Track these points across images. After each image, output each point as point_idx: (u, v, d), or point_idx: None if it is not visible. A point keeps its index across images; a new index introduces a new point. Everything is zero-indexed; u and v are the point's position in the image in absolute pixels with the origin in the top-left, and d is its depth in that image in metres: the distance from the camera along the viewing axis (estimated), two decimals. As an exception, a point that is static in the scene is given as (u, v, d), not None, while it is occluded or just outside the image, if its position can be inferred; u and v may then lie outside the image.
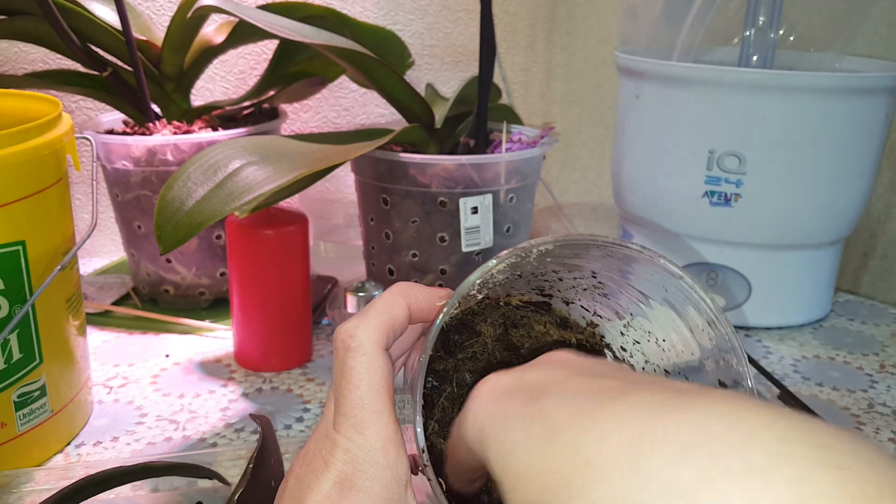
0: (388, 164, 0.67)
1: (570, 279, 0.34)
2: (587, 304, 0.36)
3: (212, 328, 0.74)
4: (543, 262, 0.32)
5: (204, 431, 0.59)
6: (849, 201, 0.74)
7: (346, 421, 0.29)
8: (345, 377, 0.29)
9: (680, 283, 0.31)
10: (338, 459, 0.28)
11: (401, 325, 0.31)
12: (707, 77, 0.71)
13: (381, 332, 0.30)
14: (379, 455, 0.28)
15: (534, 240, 0.29)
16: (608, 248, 0.30)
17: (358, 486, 0.28)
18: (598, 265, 0.33)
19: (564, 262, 0.33)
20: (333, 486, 0.28)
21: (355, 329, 0.30)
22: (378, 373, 0.29)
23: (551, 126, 0.78)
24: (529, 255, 0.30)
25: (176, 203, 0.55)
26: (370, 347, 0.29)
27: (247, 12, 0.63)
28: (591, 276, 0.34)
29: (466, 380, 0.34)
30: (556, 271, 0.34)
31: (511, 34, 1.03)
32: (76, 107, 0.89)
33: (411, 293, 0.31)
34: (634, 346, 0.36)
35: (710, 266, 0.76)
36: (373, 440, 0.28)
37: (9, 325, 0.49)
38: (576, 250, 0.31)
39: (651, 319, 0.34)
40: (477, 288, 0.30)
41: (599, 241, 0.30)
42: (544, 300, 0.36)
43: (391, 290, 0.31)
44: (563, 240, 0.29)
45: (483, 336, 0.35)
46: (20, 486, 0.47)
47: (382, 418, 0.28)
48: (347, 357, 0.29)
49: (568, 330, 0.36)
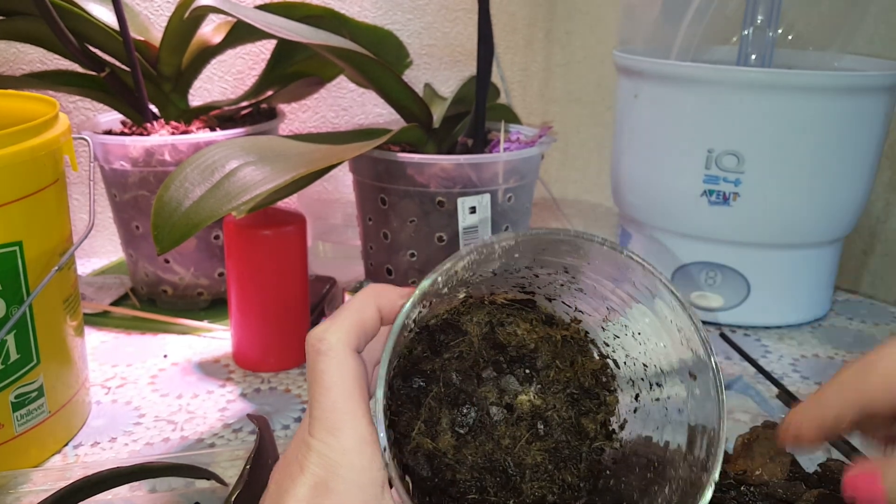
0: (387, 164, 0.67)
1: (545, 275, 0.34)
2: (568, 300, 0.36)
3: (210, 328, 0.74)
4: (512, 258, 0.31)
5: (202, 432, 0.59)
6: (848, 200, 0.74)
7: (319, 425, 0.29)
8: (316, 381, 0.29)
9: (643, 273, 0.31)
10: (312, 463, 0.28)
11: (371, 326, 0.31)
12: (706, 76, 0.71)
13: (352, 334, 0.30)
14: (354, 457, 0.28)
15: (495, 236, 0.29)
16: (572, 242, 0.30)
17: (334, 490, 0.28)
18: (568, 260, 0.32)
19: (535, 258, 0.33)
20: (310, 491, 0.28)
21: (325, 332, 0.30)
22: (349, 375, 0.29)
23: (549, 125, 0.77)
24: (493, 252, 0.30)
25: (173, 203, 0.55)
26: (340, 350, 0.29)
27: (244, 12, 0.63)
28: (563, 271, 0.34)
29: (453, 379, 0.34)
30: (529, 268, 0.34)
31: (509, 34, 1.03)
32: (74, 107, 0.89)
33: (381, 294, 0.31)
34: (615, 341, 0.36)
35: (709, 265, 0.76)
36: (347, 443, 0.28)
37: (6, 325, 0.49)
38: (541, 245, 0.31)
39: (625, 313, 0.34)
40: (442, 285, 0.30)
41: (562, 236, 0.30)
42: (528, 297, 0.36)
43: (362, 292, 0.31)
44: (524, 235, 0.29)
45: (469, 335, 0.35)
46: (17, 487, 0.47)
47: (356, 420, 0.28)
48: (318, 360, 0.29)
49: (553, 327, 0.36)
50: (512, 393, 0.34)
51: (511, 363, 0.35)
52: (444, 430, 0.33)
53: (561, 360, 0.35)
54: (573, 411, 0.35)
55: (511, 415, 0.34)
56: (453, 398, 0.33)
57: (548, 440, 0.34)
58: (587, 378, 0.36)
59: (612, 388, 0.36)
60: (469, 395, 0.34)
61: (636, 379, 0.35)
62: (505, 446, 0.33)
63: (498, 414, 0.34)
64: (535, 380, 0.35)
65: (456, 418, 0.33)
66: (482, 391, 0.34)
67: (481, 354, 0.35)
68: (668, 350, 0.33)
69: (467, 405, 0.33)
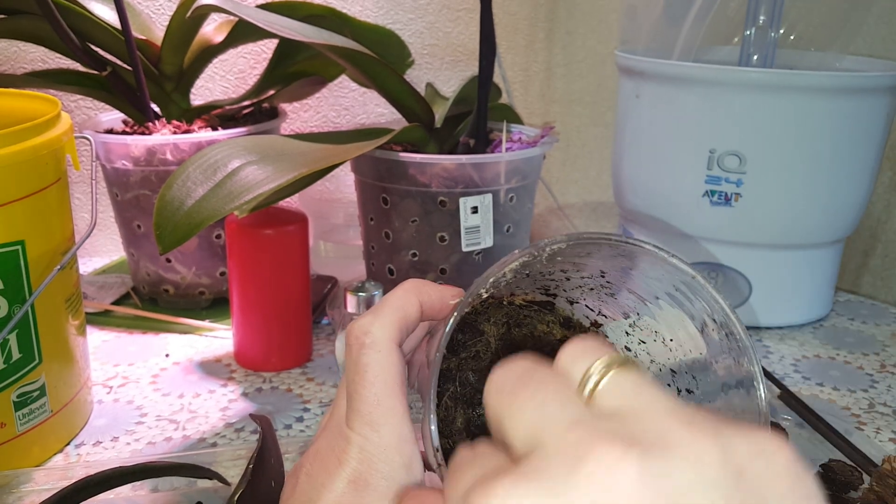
0: (388, 164, 0.67)
1: (578, 278, 0.34)
2: (592, 303, 0.36)
3: (212, 328, 0.74)
4: (553, 261, 0.32)
5: (204, 431, 0.59)
6: (849, 201, 0.74)
7: (360, 418, 0.28)
8: (359, 374, 0.29)
9: (691, 282, 0.31)
10: (352, 458, 0.28)
11: (413, 322, 0.31)
12: (707, 76, 0.71)
13: (396, 328, 0.30)
14: (394, 453, 0.28)
15: (547, 239, 0.29)
16: (620, 247, 0.30)
17: (373, 485, 0.27)
18: (607, 264, 0.32)
19: (574, 262, 0.33)
20: (348, 485, 0.28)
21: (370, 325, 0.29)
22: (393, 370, 0.29)
23: (551, 125, 0.77)
24: (541, 255, 0.30)
25: (175, 203, 0.55)
26: (385, 344, 0.29)
27: (246, 11, 0.63)
28: (599, 275, 0.33)
29: (470, 379, 0.34)
30: (564, 270, 0.34)
31: (511, 34, 1.03)
32: (75, 106, 0.89)
33: (423, 290, 0.31)
34: (640, 347, 0.36)
35: (711, 265, 0.76)
36: (388, 438, 0.28)
37: (8, 324, 0.49)
38: (587, 249, 0.31)
39: (658, 319, 0.34)
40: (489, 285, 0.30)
41: (613, 240, 0.30)
42: (548, 300, 0.36)
43: (403, 286, 0.31)
44: (575, 239, 0.29)
45: (486, 335, 0.35)
46: (20, 487, 0.47)
47: (397, 416, 0.28)
48: (362, 354, 0.29)
49: (571, 329, 0.36)
50: None
51: None
52: (460, 429, 0.33)
53: None
54: None
55: None
56: (469, 398, 0.33)
57: None
58: None
59: None
60: None
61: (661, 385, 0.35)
62: None
63: None
64: None
65: (471, 418, 0.33)
66: None
67: (498, 355, 0.35)
68: (704, 359, 0.33)
69: (483, 405, 0.33)
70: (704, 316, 0.32)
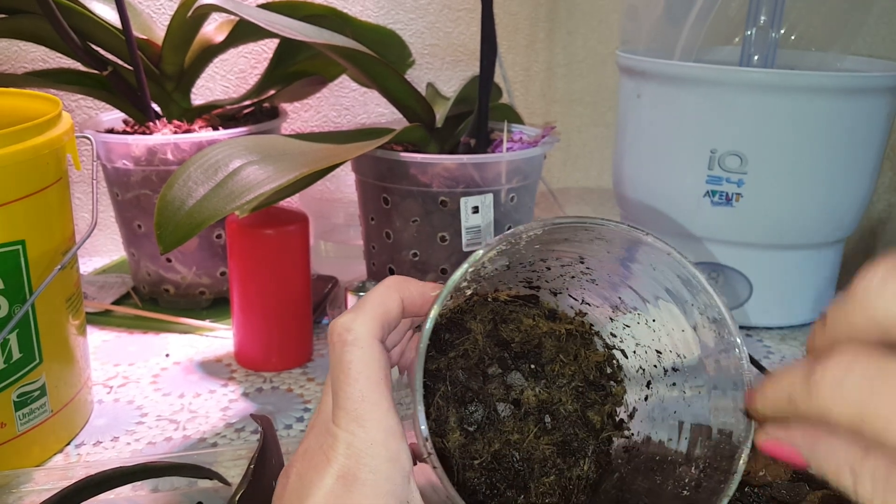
0: (389, 164, 0.67)
1: (558, 267, 0.34)
2: (575, 292, 0.36)
3: (212, 328, 0.74)
4: (532, 248, 0.32)
5: (204, 431, 0.59)
6: (850, 201, 0.74)
7: (345, 415, 0.28)
8: (343, 371, 0.29)
9: (669, 259, 0.31)
10: (340, 454, 0.28)
11: (395, 318, 0.31)
12: (708, 76, 0.70)
13: (377, 325, 0.30)
14: (381, 448, 0.28)
15: (522, 225, 0.29)
16: (595, 230, 0.30)
17: (361, 480, 0.28)
18: (585, 249, 0.33)
19: (553, 249, 0.33)
20: (337, 481, 0.28)
21: (352, 322, 0.30)
22: (376, 365, 0.29)
23: (552, 125, 0.77)
24: (519, 242, 0.30)
25: (176, 202, 0.55)
26: (367, 340, 0.29)
27: (247, 11, 0.63)
28: (578, 261, 0.34)
29: (460, 378, 0.34)
30: (544, 259, 0.34)
31: (512, 33, 1.03)
32: (76, 106, 0.89)
33: (404, 286, 0.31)
34: (625, 331, 0.36)
35: (712, 266, 0.76)
36: (374, 433, 0.28)
37: (8, 324, 0.49)
38: (564, 234, 0.31)
39: (640, 301, 0.34)
40: (470, 277, 0.30)
41: (588, 223, 0.30)
42: (532, 293, 0.36)
43: (384, 283, 0.31)
44: (551, 223, 0.29)
45: (473, 333, 0.35)
46: (20, 487, 0.47)
47: (382, 411, 0.28)
48: (345, 351, 0.29)
49: (556, 321, 0.36)
50: (518, 388, 0.34)
51: (516, 359, 0.35)
52: (453, 428, 0.33)
53: (565, 354, 0.36)
54: (579, 404, 0.35)
55: (518, 410, 0.34)
56: (460, 396, 0.33)
57: (555, 434, 0.34)
58: (591, 370, 0.36)
59: (619, 379, 0.36)
60: (476, 393, 0.34)
61: (647, 367, 0.35)
62: (514, 441, 0.34)
63: (505, 410, 0.34)
64: (540, 375, 0.35)
65: (464, 416, 0.33)
66: (489, 388, 0.34)
67: (486, 352, 0.35)
68: (686, 336, 0.33)
69: (475, 402, 0.33)
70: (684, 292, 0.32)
